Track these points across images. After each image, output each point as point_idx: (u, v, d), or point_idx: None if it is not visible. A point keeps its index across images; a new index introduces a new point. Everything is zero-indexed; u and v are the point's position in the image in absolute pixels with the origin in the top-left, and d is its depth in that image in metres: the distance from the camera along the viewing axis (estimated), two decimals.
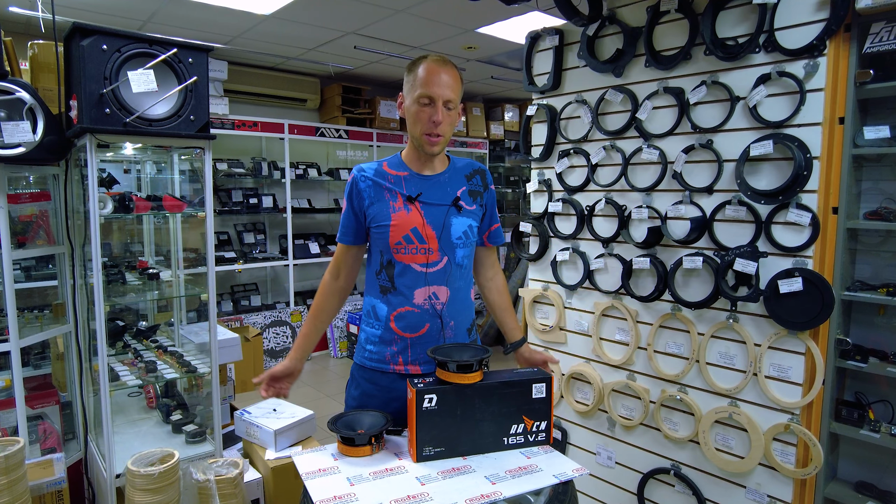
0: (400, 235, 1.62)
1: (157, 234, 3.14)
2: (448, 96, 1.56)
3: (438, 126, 1.57)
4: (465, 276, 1.73)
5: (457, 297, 1.69)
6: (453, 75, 1.59)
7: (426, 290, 1.64)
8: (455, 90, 1.58)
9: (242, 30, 4.34)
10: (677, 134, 2.08)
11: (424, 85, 1.55)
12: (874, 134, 1.76)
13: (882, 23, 1.70)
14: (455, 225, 1.66)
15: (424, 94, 1.55)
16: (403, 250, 1.63)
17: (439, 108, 1.56)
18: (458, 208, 1.67)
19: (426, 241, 1.63)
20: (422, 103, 1.57)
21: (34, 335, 2.41)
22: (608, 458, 2.37)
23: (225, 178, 5.29)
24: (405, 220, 1.62)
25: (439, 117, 1.56)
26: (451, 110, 1.60)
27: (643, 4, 2.13)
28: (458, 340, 1.70)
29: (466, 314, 1.75)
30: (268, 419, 2.48)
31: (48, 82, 2.44)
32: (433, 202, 1.65)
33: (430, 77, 1.55)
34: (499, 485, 1.34)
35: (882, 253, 1.90)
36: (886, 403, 1.87)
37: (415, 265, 1.63)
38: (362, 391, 1.73)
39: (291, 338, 5.47)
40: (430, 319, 1.65)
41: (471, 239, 1.71)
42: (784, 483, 1.88)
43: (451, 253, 1.66)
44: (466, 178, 1.74)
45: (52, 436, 2.51)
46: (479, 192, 1.75)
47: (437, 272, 1.65)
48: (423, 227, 1.63)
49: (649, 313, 2.20)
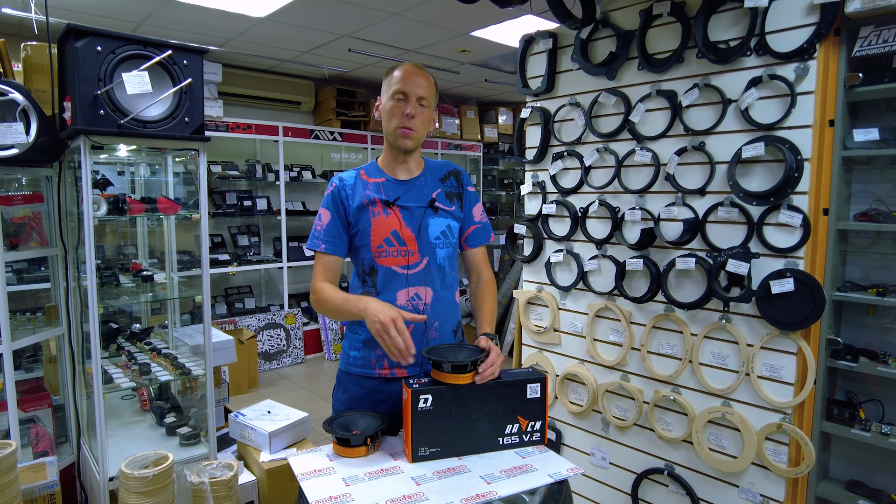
0: (381, 239, 1.65)
1: (150, 237, 3.13)
2: (421, 93, 1.63)
3: (412, 120, 1.63)
4: (448, 276, 1.73)
5: (441, 297, 1.70)
6: (427, 78, 1.67)
7: (407, 291, 1.66)
8: (428, 91, 1.66)
9: (237, 32, 4.34)
10: (670, 136, 2.10)
11: (399, 82, 1.63)
12: (864, 136, 1.78)
13: (871, 27, 1.72)
14: (432, 226, 1.69)
15: (399, 90, 1.63)
16: (384, 253, 1.65)
17: (412, 102, 1.62)
18: (435, 209, 1.70)
19: (405, 242, 1.66)
20: (397, 98, 1.64)
21: (26, 338, 2.39)
22: (602, 459, 2.38)
23: (219, 181, 5.28)
24: (384, 224, 1.65)
25: (412, 111, 1.62)
26: (424, 107, 1.65)
27: (636, 8, 2.14)
28: (444, 341, 1.70)
29: (451, 315, 1.75)
30: (262, 421, 2.48)
31: (41, 84, 2.43)
32: (410, 205, 1.68)
33: (405, 76, 1.64)
34: (494, 485, 1.35)
35: (872, 254, 1.92)
36: (877, 402, 1.88)
37: (396, 268, 1.66)
38: (350, 395, 1.73)
39: (286, 340, 5.46)
40: None
41: (450, 239, 1.72)
42: (776, 482, 1.90)
43: (430, 254, 1.68)
44: (441, 181, 1.76)
45: (45, 439, 2.49)
46: (457, 194, 1.77)
47: (418, 273, 1.67)
48: (401, 230, 1.66)
49: (643, 314, 2.21)
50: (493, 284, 1.83)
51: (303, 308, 5.90)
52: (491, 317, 1.74)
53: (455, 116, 6.79)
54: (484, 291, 1.80)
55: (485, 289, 1.81)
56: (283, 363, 5.46)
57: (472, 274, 1.85)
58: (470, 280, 1.86)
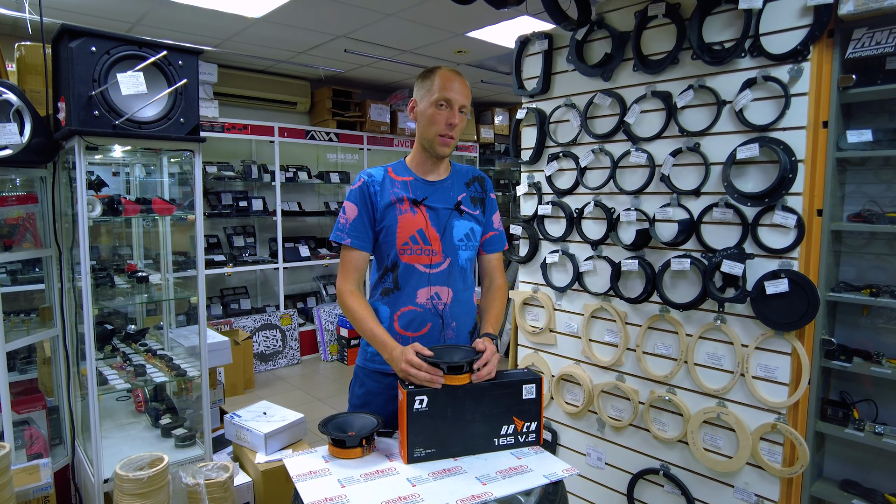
0: (406, 236, 1.68)
1: (146, 238, 3.12)
2: (463, 102, 1.67)
3: (454, 128, 1.66)
4: (467, 278, 1.77)
5: (459, 298, 1.74)
6: (466, 86, 1.70)
7: (429, 290, 1.69)
8: (468, 99, 1.70)
9: (232, 33, 4.33)
10: (665, 137, 2.10)
11: (443, 89, 1.65)
12: (857, 137, 1.79)
13: (864, 28, 1.73)
14: (457, 227, 1.72)
15: (443, 98, 1.64)
16: (409, 251, 1.68)
17: (456, 111, 1.66)
18: (461, 212, 1.74)
19: (430, 242, 1.69)
20: (439, 105, 1.65)
21: (20, 339, 2.38)
22: (598, 459, 2.38)
23: (215, 182, 5.27)
24: (411, 222, 1.68)
25: (456, 119, 1.66)
26: (463, 114, 1.69)
27: (631, 9, 2.15)
28: (460, 342, 1.73)
29: (468, 316, 1.78)
30: (258, 423, 2.47)
31: (36, 84, 2.42)
32: (437, 206, 1.72)
33: (448, 83, 1.65)
34: (489, 485, 1.35)
35: (865, 254, 1.93)
36: (870, 402, 1.89)
37: (419, 265, 1.69)
38: (366, 389, 1.77)
39: (281, 341, 5.45)
40: (432, 319, 1.70)
41: (473, 242, 1.76)
42: (771, 482, 1.90)
43: (453, 255, 1.71)
44: (466, 185, 1.79)
45: (39, 441, 2.48)
46: (481, 199, 1.81)
47: (440, 273, 1.70)
48: (427, 229, 1.69)
49: (638, 315, 2.21)
50: (504, 290, 1.85)
51: (298, 309, 5.89)
52: (496, 320, 1.77)
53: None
54: (495, 296, 1.83)
55: (496, 293, 1.83)
56: (279, 364, 5.45)
57: (486, 279, 1.88)
58: (483, 284, 1.89)
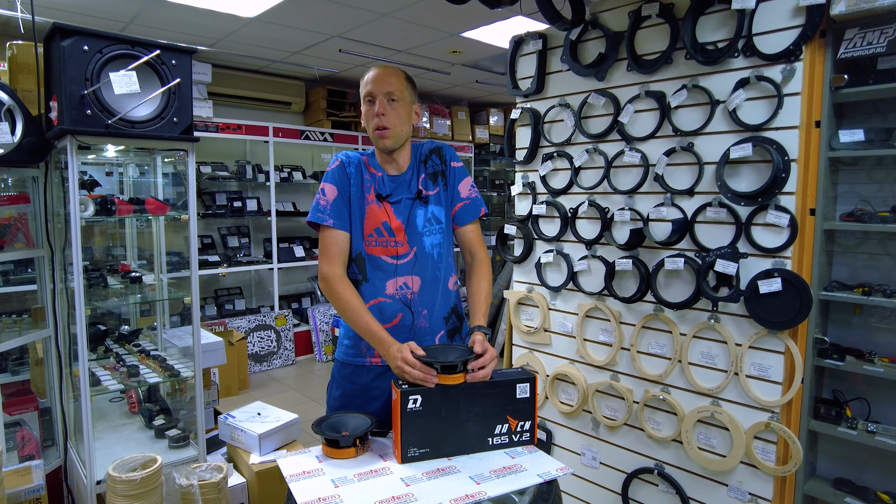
0: (371, 228, 1.69)
1: (139, 238, 3.10)
2: (387, 89, 1.64)
3: (382, 118, 1.64)
4: (439, 265, 1.72)
5: (431, 286, 1.70)
6: (392, 72, 1.68)
7: (395, 281, 1.68)
8: (396, 85, 1.65)
9: (227, 32, 4.32)
10: (659, 137, 2.11)
11: (364, 85, 1.68)
12: (849, 137, 1.80)
13: (856, 29, 1.74)
14: (419, 216, 1.72)
15: (367, 93, 1.67)
16: (374, 243, 1.69)
17: (380, 101, 1.64)
18: (424, 200, 1.73)
19: (395, 233, 1.68)
20: (367, 101, 1.68)
21: (12, 340, 2.36)
22: (592, 459, 2.39)
23: (209, 182, 5.25)
24: (376, 215, 1.69)
25: (380, 109, 1.64)
26: (395, 101, 1.66)
27: (625, 9, 2.16)
28: (434, 329, 1.71)
29: (442, 302, 1.73)
30: (252, 423, 2.46)
31: (27, 83, 2.40)
32: (400, 198, 1.71)
33: (367, 78, 1.68)
34: (483, 485, 1.35)
35: (858, 254, 1.94)
36: (863, 401, 1.90)
37: (385, 257, 1.69)
38: (343, 391, 1.75)
39: (276, 341, 5.43)
40: (402, 309, 1.69)
41: (436, 225, 1.73)
42: (765, 480, 1.91)
43: (418, 243, 1.70)
44: (423, 163, 1.76)
45: (31, 442, 2.46)
46: (441, 172, 1.76)
47: (406, 264, 1.70)
48: (391, 221, 1.69)
49: (632, 314, 2.22)
50: (487, 264, 1.76)
51: (293, 309, 5.87)
52: (485, 305, 1.69)
53: (446, 117, 6.79)
54: (478, 275, 1.74)
55: (479, 271, 1.75)
56: (274, 365, 5.43)
57: (466, 254, 1.81)
58: (465, 261, 1.82)
